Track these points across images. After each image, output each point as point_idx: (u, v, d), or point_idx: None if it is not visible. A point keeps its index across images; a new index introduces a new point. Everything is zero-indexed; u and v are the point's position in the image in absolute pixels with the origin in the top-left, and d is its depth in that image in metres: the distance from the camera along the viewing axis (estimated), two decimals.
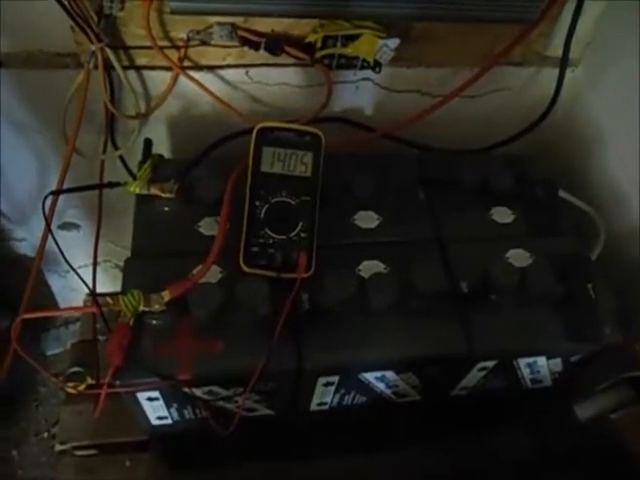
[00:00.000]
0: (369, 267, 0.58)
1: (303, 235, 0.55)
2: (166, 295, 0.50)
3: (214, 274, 0.55)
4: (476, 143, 0.73)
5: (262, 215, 0.55)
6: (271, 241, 0.54)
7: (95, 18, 0.55)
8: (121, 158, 0.69)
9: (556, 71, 0.72)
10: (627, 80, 0.70)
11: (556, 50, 0.71)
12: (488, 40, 0.67)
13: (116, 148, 0.68)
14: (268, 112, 0.70)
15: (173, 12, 0.50)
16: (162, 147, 0.74)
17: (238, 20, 0.59)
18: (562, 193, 0.67)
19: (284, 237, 0.55)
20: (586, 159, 0.77)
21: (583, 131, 0.78)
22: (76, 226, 0.86)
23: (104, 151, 0.68)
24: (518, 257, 0.61)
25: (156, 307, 0.51)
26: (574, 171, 0.79)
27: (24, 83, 0.63)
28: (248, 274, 0.54)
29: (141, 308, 0.50)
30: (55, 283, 0.97)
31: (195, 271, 0.54)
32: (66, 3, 0.52)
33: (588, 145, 0.77)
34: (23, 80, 0.63)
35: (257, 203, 0.55)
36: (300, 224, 0.55)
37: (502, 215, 0.66)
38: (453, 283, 0.58)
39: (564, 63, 0.67)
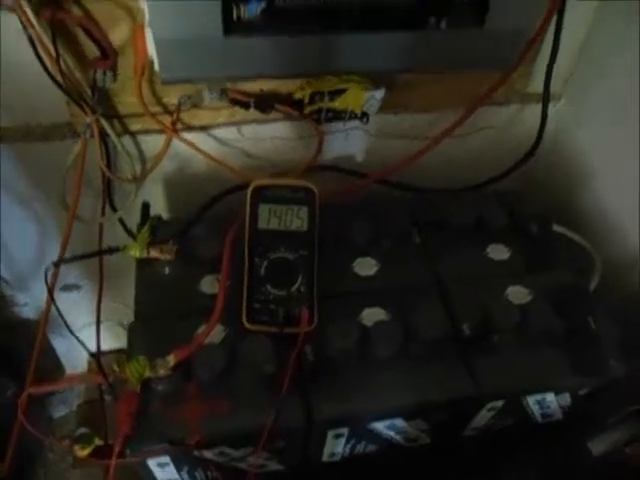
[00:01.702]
0: (371, 315, 0.58)
1: (303, 289, 0.55)
2: (171, 360, 0.51)
3: (218, 333, 0.55)
4: (467, 181, 0.74)
5: (262, 272, 0.55)
6: (272, 297, 0.55)
7: (89, 91, 0.57)
8: (120, 220, 0.70)
9: (539, 107, 0.74)
10: (609, 110, 0.72)
11: (537, 87, 0.73)
12: (470, 83, 0.69)
13: (114, 210, 0.69)
14: (261, 165, 0.72)
15: (164, 83, 0.52)
16: (159, 206, 0.75)
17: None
18: (556, 227, 0.68)
19: (285, 292, 0.55)
20: (576, 190, 0.79)
21: (570, 162, 0.80)
22: (77, 287, 0.87)
23: (102, 214, 0.69)
24: (517, 294, 0.61)
25: (162, 372, 0.51)
26: (565, 202, 0.80)
27: (23, 155, 0.65)
28: (251, 331, 0.54)
29: (147, 374, 0.50)
30: (59, 345, 0.96)
31: (199, 331, 0.55)
32: (61, 81, 0.53)
33: (576, 176, 0.78)
34: (22, 153, 0.64)
35: (256, 260, 0.56)
36: (300, 278, 0.56)
37: (498, 252, 0.67)
38: (455, 326, 0.59)
39: (546, 101, 0.69)
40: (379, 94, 0.63)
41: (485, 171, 0.75)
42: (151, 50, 0.50)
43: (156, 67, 0.51)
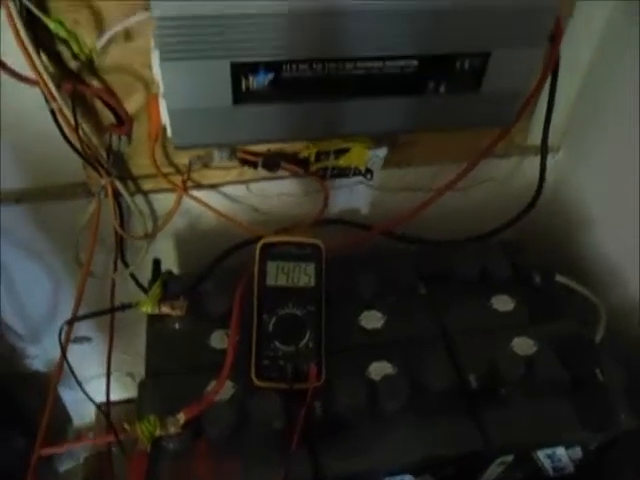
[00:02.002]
0: (378, 369, 0.59)
1: (311, 345, 0.56)
2: (181, 418, 0.51)
3: (227, 389, 0.56)
4: (470, 232, 0.76)
5: (270, 328, 0.56)
6: (281, 353, 0.56)
7: (104, 155, 0.60)
8: (132, 275, 0.72)
9: (538, 159, 0.76)
10: (606, 160, 0.74)
11: (536, 139, 0.75)
12: (471, 138, 0.71)
13: (126, 266, 0.71)
14: (269, 220, 0.74)
15: (177, 148, 0.54)
16: (170, 260, 0.77)
17: None
18: (559, 277, 0.69)
19: (293, 348, 0.56)
20: (576, 237, 0.80)
21: (570, 211, 0.81)
22: (88, 339, 0.88)
23: (115, 270, 0.71)
24: (523, 346, 0.62)
25: (172, 430, 0.51)
26: (567, 249, 0.81)
27: (39, 215, 0.67)
28: (260, 388, 0.55)
29: (157, 433, 0.51)
30: (67, 396, 0.97)
31: (209, 387, 0.55)
32: (78, 146, 0.56)
33: (577, 224, 0.80)
34: (38, 212, 0.67)
35: (265, 317, 0.57)
36: (308, 334, 0.57)
37: (503, 303, 0.67)
38: (462, 379, 0.59)
39: (544, 154, 0.71)
40: (382, 152, 0.65)
41: (488, 221, 0.77)
42: (164, 118, 0.53)
43: (169, 133, 0.53)
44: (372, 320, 0.64)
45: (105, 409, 0.80)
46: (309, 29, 0.47)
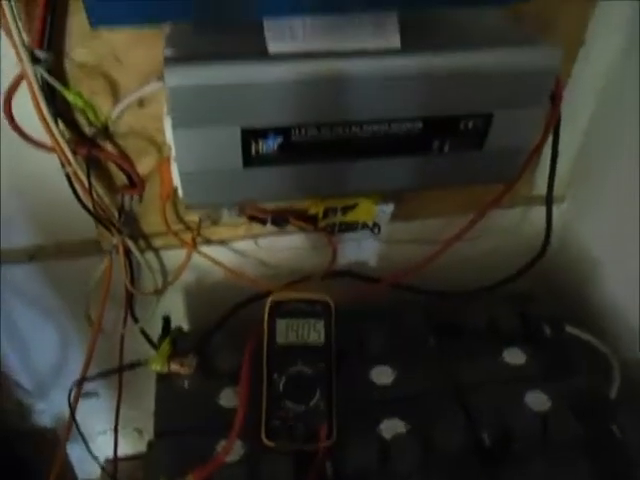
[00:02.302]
0: (390, 427, 0.58)
1: (322, 404, 0.56)
2: None
3: (237, 450, 0.55)
4: (478, 282, 0.76)
5: (281, 388, 0.56)
6: (291, 413, 0.55)
7: (116, 214, 0.61)
8: (141, 330, 0.72)
9: (544, 208, 0.76)
10: (611, 207, 0.75)
11: (541, 189, 0.76)
12: (476, 191, 0.72)
13: (136, 321, 0.72)
14: (277, 274, 0.74)
15: (187, 208, 0.56)
16: (179, 314, 0.77)
17: None
18: (569, 328, 0.68)
19: (304, 407, 0.56)
20: (585, 285, 0.80)
21: (578, 259, 0.81)
22: (96, 394, 0.87)
23: (124, 325, 0.71)
24: (536, 401, 0.61)
25: None
26: (576, 298, 0.81)
27: (51, 272, 0.68)
28: (271, 448, 0.54)
29: None
30: (73, 452, 0.95)
31: (219, 447, 0.55)
32: (91, 207, 0.57)
33: (585, 272, 0.80)
34: (51, 270, 0.68)
35: (275, 376, 0.56)
36: (318, 392, 0.56)
37: (514, 356, 0.67)
38: (475, 436, 0.58)
39: (549, 205, 0.72)
40: (388, 208, 0.66)
41: (496, 270, 0.77)
42: (176, 180, 0.54)
43: (180, 194, 0.54)
44: (383, 376, 0.64)
45: (112, 465, 0.79)
46: (316, 95, 0.48)
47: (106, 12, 0.39)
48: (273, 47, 0.47)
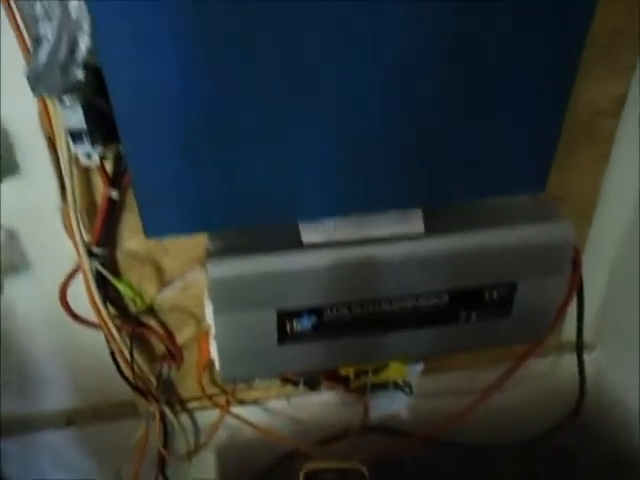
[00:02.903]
0: None
1: None
2: None
3: None
4: (512, 431, 0.74)
5: None
6: None
7: (154, 381, 0.63)
8: None
9: (574, 356, 0.76)
10: None
11: (570, 336, 0.77)
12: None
13: None
14: (309, 430, 0.74)
15: (224, 381, 0.57)
16: (210, 471, 0.76)
17: None
18: None
19: None
20: (625, 436, 0.77)
21: (615, 410, 0.79)
22: None
23: None
24: None
25: None
26: (617, 449, 0.78)
27: (87, 438, 0.69)
28: None
29: None
30: None
31: None
32: (131, 379, 0.59)
33: (623, 422, 0.77)
34: (87, 435, 0.69)
35: None
36: None
37: None
38: None
39: (581, 357, 0.72)
40: (419, 367, 0.67)
41: (530, 420, 0.76)
42: (214, 354, 0.56)
43: (217, 367, 0.56)
44: None
45: None
46: (347, 279, 0.52)
47: (160, 226, 0.44)
48: (306, 237, 0.51)
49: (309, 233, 0.52)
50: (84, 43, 0.34)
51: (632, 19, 0.54)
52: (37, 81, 0.36)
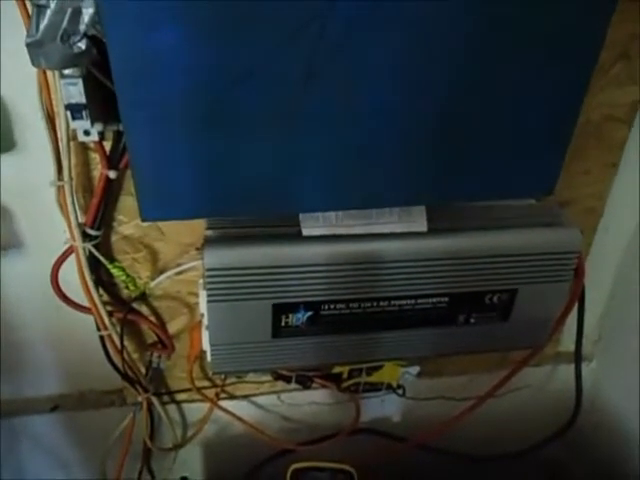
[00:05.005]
0: None
1: None
2: None
3: None
4: (504, 440, 0.73)
5: None
6: None
7: (143, 371, 0.62)
8: None
9: (571, 366, 0.75)
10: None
11: (568, 346, 0.76)
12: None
13: (152, 476, 0.69)
14: (299, 429, 0.73)
15: (215, 374, 0.56)
16: (196, 467, 0.75)
17: None
18: None
19: None
20: (620, 451, 0.76)
21: (610, 421, 0.78)
22: None
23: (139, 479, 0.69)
24: None
25: None
26: (611, 464, 0.77)
27: (72, 424, 0.68)
28: None
29: None
30: None
31: None
32: (120, 367, 0.58)
33: (618, 436, 0.76)
34: (72, 421, 0.67)
35: None
36: None
37: None
38: None
39: (579, 369, 0.71)
40: (414, 370, 0.66)
41: (523, 429, 0.75)
42: (206, 345, 0.55)
43: (208, 359, 0.55)
44: None
45: None
46: (346, 275, 0.51)
47: (157, 210, 0.43)
48: (306, 230, 0.50)
49: (309, 226, 0.51)
50: (87, 13, 0.33)
51: None
52: (37, 50, 0.34)
